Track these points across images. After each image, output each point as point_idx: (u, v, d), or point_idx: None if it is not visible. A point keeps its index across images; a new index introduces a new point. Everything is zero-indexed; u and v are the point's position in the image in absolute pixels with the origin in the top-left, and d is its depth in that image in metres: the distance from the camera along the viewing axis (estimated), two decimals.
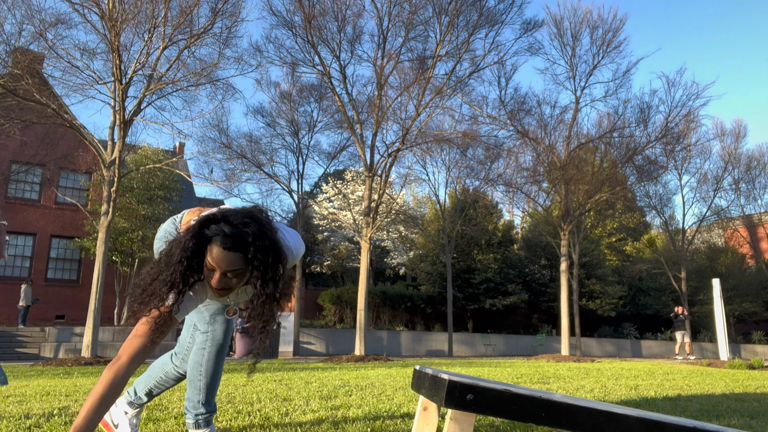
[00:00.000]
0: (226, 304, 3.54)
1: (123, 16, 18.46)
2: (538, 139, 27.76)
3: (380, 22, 24.20)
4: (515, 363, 18.85)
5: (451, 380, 2.56)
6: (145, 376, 3.88)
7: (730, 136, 41.59)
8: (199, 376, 3.58)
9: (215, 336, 3.60)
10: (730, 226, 50.46)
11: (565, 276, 26.46)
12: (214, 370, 3.60)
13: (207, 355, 3.57)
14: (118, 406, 3.81)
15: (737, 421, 5.09)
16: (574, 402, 2.59)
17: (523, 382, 9.25)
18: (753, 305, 45.86)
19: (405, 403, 5.77)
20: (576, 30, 28.23)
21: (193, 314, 3.66)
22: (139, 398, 3.82)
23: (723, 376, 12.39)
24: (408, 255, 41.99)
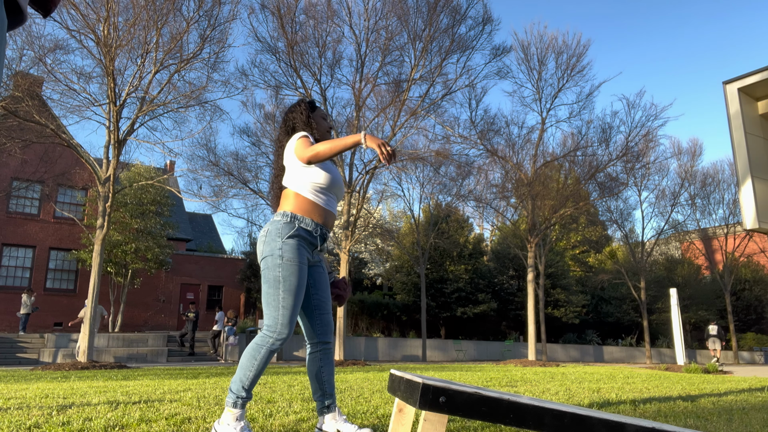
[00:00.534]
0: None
1: (117, 42, 18.49)
2: (507, 158, 27.85)
3: (358, 48, 24.28)
4: (485, 367, 18.86)
5: (424, 384, 2.57)
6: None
7: (687, 155, 41.86)
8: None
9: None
10: (687, 239, 50.78)
11: (532, 286, 26.52)
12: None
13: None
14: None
15: (693, 421, 5.11)
16: (540, 404, 2.60)
17: (492, 385, 9.26)
18: (708, 313, 46.20)
19: (381, 405, 5.77)
20: (542, 55, 28.39)
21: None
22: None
23: (680, 379, 12.45)
24: (384, 266, 42.01)
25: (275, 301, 3.61)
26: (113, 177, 19.04)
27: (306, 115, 4.17)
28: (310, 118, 4.17)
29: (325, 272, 4.09)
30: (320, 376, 3.89)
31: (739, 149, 7.63)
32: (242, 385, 3.53)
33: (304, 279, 3.70)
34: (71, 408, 5.37)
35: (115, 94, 18.88)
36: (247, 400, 3.57)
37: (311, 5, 23.79)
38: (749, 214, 7.45)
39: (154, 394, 6.97)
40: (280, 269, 3.63)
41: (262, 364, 3.57)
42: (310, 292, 3.97)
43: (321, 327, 3.94)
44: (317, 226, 3.84)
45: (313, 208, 3.84)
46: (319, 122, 4.22)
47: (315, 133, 4.17)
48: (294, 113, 4.21)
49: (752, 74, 7.64)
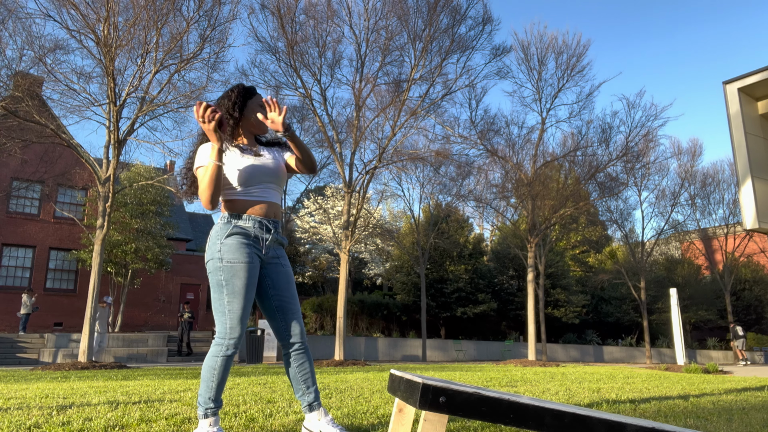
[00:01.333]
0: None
1: (117, 42, 18.49)
2: (507, 158, 27.85)
3: (358, 48, 24.28)
4: (485, 367, 18.86)
5: (424, 384, 2.57)
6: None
7: (687, 155, 41.85)
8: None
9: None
10: (687, 239, 50.80)
11: (532, 286, 26.52)
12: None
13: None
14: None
15: (693, 421, 5.11)
16: (540, 404, 2.60)
17: (492, 385, 9.25)
18: (708, 313, 46.19)
19: (381, 405, 5.77)
20: (542, 55, 28.40)
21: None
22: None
23: (680, 379, 12.45)
24: (384, 266, 41.99)
25: (221, 306, 3.52)
26: (113, 177, 19.04)
27: (234, 102, 3.79)
28: (237, 106, 3.81)
29: (285, 268, 3.91)
30: (296, 376, 3.79)
31: (739, 149, 7.62)
32: (208, 396, 3.48)
33: (253, 277, 3.60)
34: (71, 408, 5.37)
35: (115, 94, 18.88)
36: (218, 408, 3.51)
37: (311, 5, 23.79)
38: (749, 214, 7.45)
39: (154, 394, 6.97)
40: (221, 272, 3.55)
41: (222, 373, 3.49)
42: (269, 293, 3.82)
43: (286, 330, 3.79)
44: (256, 220, 3.71)
45: (245, 205, 3.72)
46: (256, 110, 3.87)
47: (236, 123, 3.82)
48: (222, 99, 3.86)
49: (752, 74, 7.64)
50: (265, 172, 3.80)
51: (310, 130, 29.68)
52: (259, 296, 3.83)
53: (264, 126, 3.90)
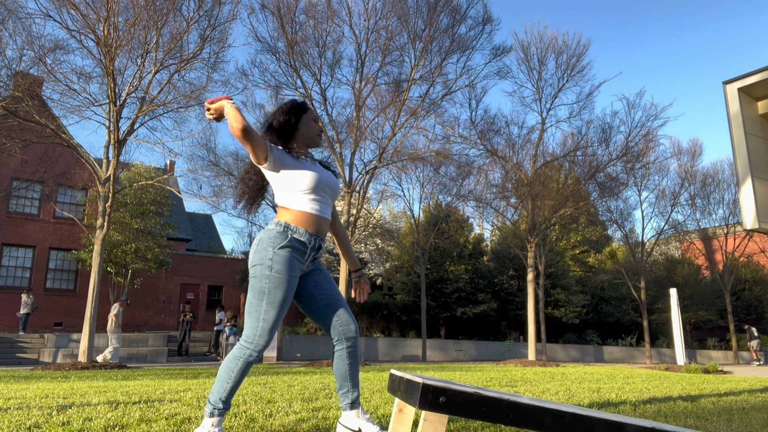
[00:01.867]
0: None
1: (117, 42, 18.49)
2: (507, 158, 27.85)
3: (358, 48, 24.30)
4: (485, 367, 18.86)
5: (424, 384, 2.57)
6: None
7: (687, 155, 41.85)
8: None
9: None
10: (687, 239, 50.79)
11: (532, 286, 26.52)
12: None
13: None
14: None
15: (693, 421, 5.11)
16: (540, 404, 2.60)
17: (492, 385, 9.25)
18: (708, 313, 46.19)
19: (382, 405, 5.77)
20: (542, 55, 28.39)
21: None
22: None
23: (680, 379, 12.45)
24: (384, 266, 42.00)
25: (257, 312, 3.56)
26: (113, 177, 19.04)
27: (290, 115, 3.99)
28: (292, 118, 3.99)
29: (324, 273, 4.01)
30: (345, 373, 3.86)
31: (739, 149, 7.62)
32: (219, 396, 3.50)
33: (291, 292, 3.65)
34: (71, 408, 5.37)
35: (115, 94, 18.88)
36: (225, 410, 3.54)
37: (311, 5, 23.81)
38: (749, 214, 7.45)
39: (154, 394, 6.97)
40: (267, 281, 3.57)
41: (239, 376, 3.53)
42: (314, 294, 3.89)
43: (340, 324, 3.87)
44: (311, 236, 3.78)
45: (305, 218, 3.78)
46: (310, 124, 4.06)
47: (297, 137, 4.04)
48: (277, 112, 4.04)
49: (752, 74, 7.64)
50: (327, 183, 3.93)
51: None
52: (305, 301, 3.91)
53: (318, 139, 4.10)
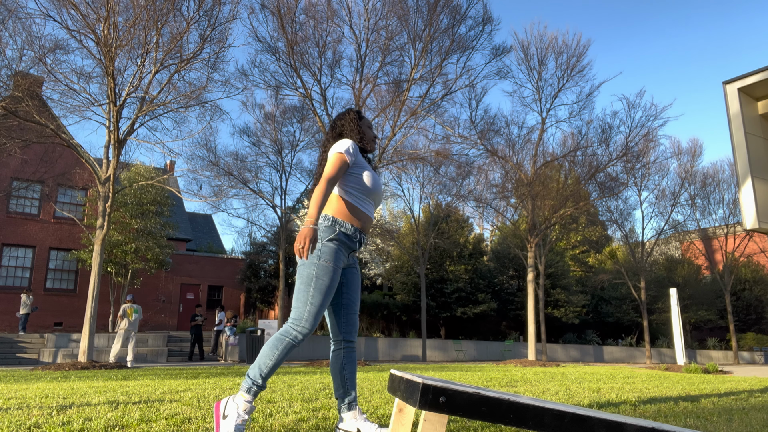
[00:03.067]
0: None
1: (117, 42, 18.49)
2: (507, 158, 27.85)
3: (358, 48, 24.27)
4: (485, 367, 18.86)
5: (424, 384, 2.57)
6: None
7: (687, 155, 41.85)
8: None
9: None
10: (687, 239, 50.81)
11: (532, 286, 26.52)
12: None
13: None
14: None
15: (693, 421, 5.11)
16: (540, 404, 2.60)
17: (492, 385, 9.26)
18: (708, 313, 46.22)
19: (382, 405, 5.77)
20: (542, 55, 28.40)
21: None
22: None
23: (680, 379, 12.45)
24: (384, 266, 41.98)
25: (305, 297, 3.73)
26: (113, 177, 19.05)
27: (355, 123, 4.30)
28: (359, 125, 4.31)
29: (358, 273, 4.20)
30: (343, 373, 3.98)
31: (739, 149, 7.63)
32: (260, 372, 3.66)
33: (336, 282, 3.82)
34: (71, 408, 5.37)
35: (115, 94, 18.89)
36: (261, 389, 3.68)
37: (311, 5, 23.79)
38: (749, 214, 7.45)
39: (154, 394, 6.97)
40: (315, 268, 3.76)
41: (282, 355, 3.69)
42: (341, 290, 4.09)
43: (347, 326, 4.06)
44: (356, 230, 3.96)
45: (353, 213, 3.97)
46: (366, 131, 4.36)
47: (363, 140, 4.32)
48: (343, 120, 4.34)
49: (752, 74, 7.64)
50: (381, 190, 4.21)
51: (310, 130, 29.79)
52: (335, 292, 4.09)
53: (373, 144, 4.42)
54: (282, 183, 30.37)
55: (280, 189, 30.36)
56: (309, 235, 3.54)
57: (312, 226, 3.59)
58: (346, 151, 3.94)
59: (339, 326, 4.04)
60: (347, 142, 4.01)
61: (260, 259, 39.23)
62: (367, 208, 4.05)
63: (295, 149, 30.26)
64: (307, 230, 3.55)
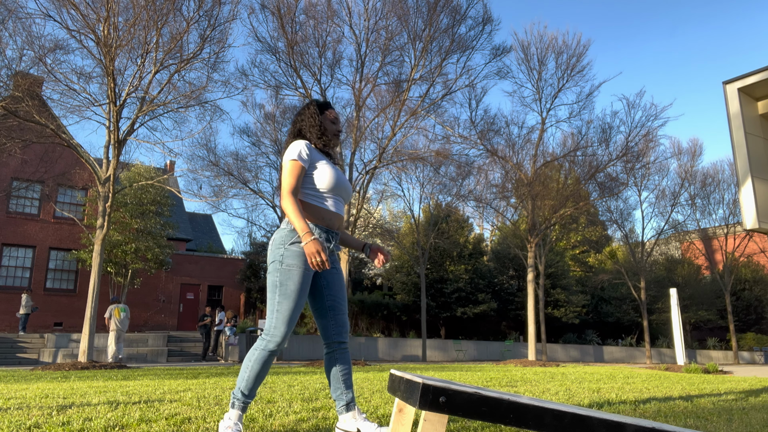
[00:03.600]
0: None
1: (117, 42, 18.49)
2: (507, 158, 27.85)
3: (358, 48, 24.29)
4: (485, 367, 18.86)
5: (424, 384, 2.57)
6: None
7: (687, 155, 41.86)
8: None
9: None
10: (687, 239, 50.82)
11: (532, 286, 26.52)
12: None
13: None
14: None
15: (693, 421, 5.11)
16: (540, 404, 2.60)
17: (492, 385, 9.25)
18: (708, 313, 46.24)
19: (381, 405, 5.77)
20: (542, 55, 28.40)
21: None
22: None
23: (680, 379, 12.45)
24: (384, 266, 42.00)
25: (272, 305, 3.67)
26: (113, 177, 19.04)
27: (315, 118, 4.14)
28: (320, 121, 4.14)
29: (339, 273, 4.15)
30: (337, 375, 3.94)
31: (739, 149, 7.62)
32: (239, 387, 3.64)
33: (306, 284, 3.74)
34: (71, 408, 5.37)
35: (115, 94, 18.88)
36: (247, 401, 3.64)
37: (311, 5, 23.80)
38: (749, 214, 7.45)
39: (154, 394, 6.97)
40: (278, 274, 3.69)
41: (258, 366, 3.63)
42: (323, 293, 4.02)
43: (336, 327, 3.99)
44: (323, 230, 3.87)
45: (314, 212, 3.87)
46: (327, 125, 4.18)
47: (324, 137, 4.15)
48: (302, 115, 4.20)
49: (752, 74, 7.64)
50: (345, 185, 4.07)
51: None
52: (314, 296, 4.04)
53: (337, 139, 4.26)
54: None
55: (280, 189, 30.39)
56: (316, 247, 3.52)
57: (312, 238, 3.55)
58: (299, 156, 3.83)
59: (328, 329, 3.99)
60: (298, 146, 3.88)
61: (260, 259, 39.23)
62: (329, 204, 3.94)
63: None
64: (311, 244, 3.52)
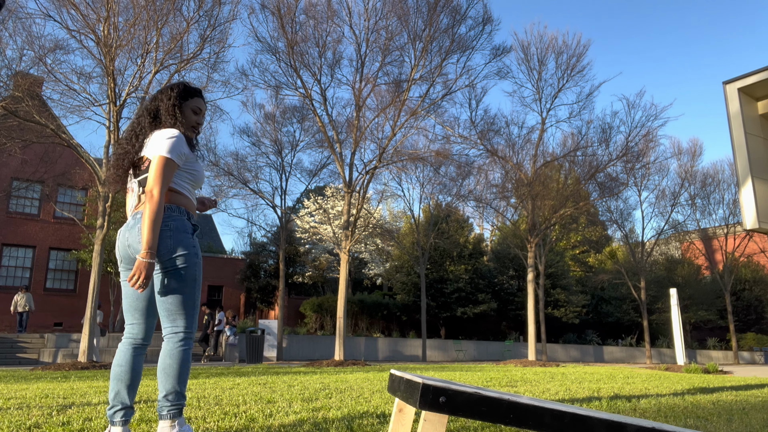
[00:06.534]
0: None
1: (117, 42, 18.50)
2: (507, 158, 27.84)
3: (358, 48, 24.27)
4: (485, 367, 18.87)
5: (424, 384, 2.57)
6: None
7: (687, 155, 41.82)
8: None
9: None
10: (687, 239, 50.78)
11: (532, 286, 26.51)
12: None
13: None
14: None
15: (693, 421, 5.11)
16: (540, 404, 2.60)
17: (492, 385, 9.26)
18: (708, 313, 46.21)
19: (381, 405, 5.77)
20: (542, 55, 28.40)
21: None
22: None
23: (680, 379, 12.45)
24: (384, 266, 41.97)
25: (194, 301, 3.53)
26: None
27: (174, 107, 3.82)
28: (176, 107, 3.83)
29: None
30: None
31: (739, 149, 7.63)
32: (178, 389, 3.46)
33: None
34: (71, 408, 5.38)
35: (115, 94, 18.89)
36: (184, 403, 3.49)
37: (311, 5, 23.79)
38: (749, 214, 7.46)
39: (154, 394, 6.97)
40: (197, 268, 3.57)
41: (189, 364, 3.52)
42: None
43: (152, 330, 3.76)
44: (193, 218, 3.75)
45: (187, 203, 3.73)
46: (187, 114, 3.91)
47: (178, 125, 3.80)
48: (162, 95, 3.88)
49: (752, 74, 7.65)
50: (203, 176, 3.94)
51: (310, 130, 29.79)
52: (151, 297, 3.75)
53: (192, 133, 3.97)
54: (282, 183, 30.42)
55: (280, 189, 30.40)
56: (148, 269, 3.34)
57: (150, 260, 3.35)
58: (177, 156, 3.59)
59: (149, 331, 3.74)
60: (175, 143, 3.60)
61: (260, 259, 39.22)
62: (193, 195, 3.82)
63: (295, 149, 30.30)
64: (145, 264, 3.33)
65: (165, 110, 3.81)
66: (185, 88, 3.94)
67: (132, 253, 3.57)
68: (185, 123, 3.87)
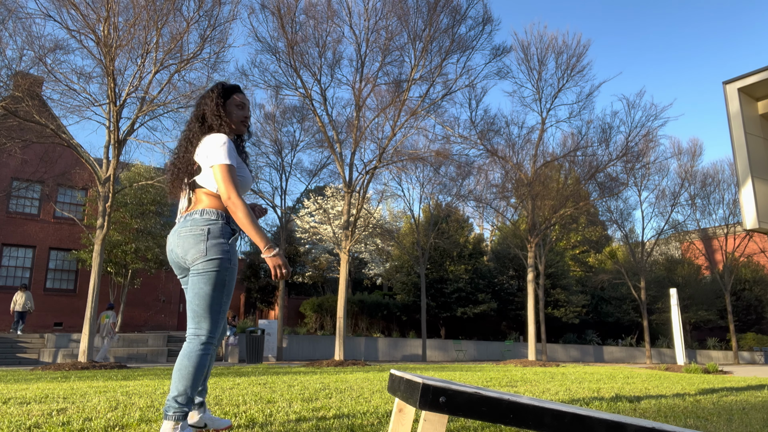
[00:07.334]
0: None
1: (117, 42, 18.49)
2: (507, 158, 27.84)
3: (358, 48, 24.27)
4: (485, 367, 18.85)
5: (424, 384, 2.57)
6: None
7: (687, 155, 41.82)
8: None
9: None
10: (687, 239, 50.79)
11: (532, 286, 26.52)
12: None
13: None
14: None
15: (693, 421, 5.11)
16: (540, 404, 2.60)
17: (492, 385, 9.25)
18: (708, 313, 46.24)
19: (382, 405, 5.76)
20: (542, 55, 28.40)
21: None
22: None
23: (680, 379, 12.45)
24: (384, 266, 41.99)
25: (219, 306, 3.56)
26: (113, 177, 19.04)
27: (219, 107, 3.92)
28: (220, 107, 3.91)
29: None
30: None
31: (739, 149, 7.63)
32: (188, 393, 3.48)
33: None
34: (71, 408, 5.37)
35: (115, 94, 18.88)
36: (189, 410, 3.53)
37: (311, 5, 23.79)
38: (749, 214, 7.46)
39: (154, 394, 6.96)
40: (228, 273, 3.59)
41: (205, 367, 3.55)
42: None
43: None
44: (237, 225, 3.80)
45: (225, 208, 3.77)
46: (232, 111, 3.99)
47: (224, 125, 3.89)
48: (205, 99, 3.99)
49: (752, 74, 7.65)
50: (251, 182, 3.97)
51: (310, 130, 29.81)
52: None
53: (243, 127, 4.06)
54: (282, 183, 30.47)
55: (280, 189, 30.44)
56: (277, 260, 3.51)
57: (277, 250, 3.53)
58: (232, 160, 3.66)
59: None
60: (226, 149, 3.66)
61: (260, 259, 39.22)
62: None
63: (295, 149, 30.34)
64: (279, 257, 3.51)
65: (210, 112, 3.90)
66: (223, 87, 4.02)
67: (174, 258, 3.69)
68: (233, 120, 3.99)
